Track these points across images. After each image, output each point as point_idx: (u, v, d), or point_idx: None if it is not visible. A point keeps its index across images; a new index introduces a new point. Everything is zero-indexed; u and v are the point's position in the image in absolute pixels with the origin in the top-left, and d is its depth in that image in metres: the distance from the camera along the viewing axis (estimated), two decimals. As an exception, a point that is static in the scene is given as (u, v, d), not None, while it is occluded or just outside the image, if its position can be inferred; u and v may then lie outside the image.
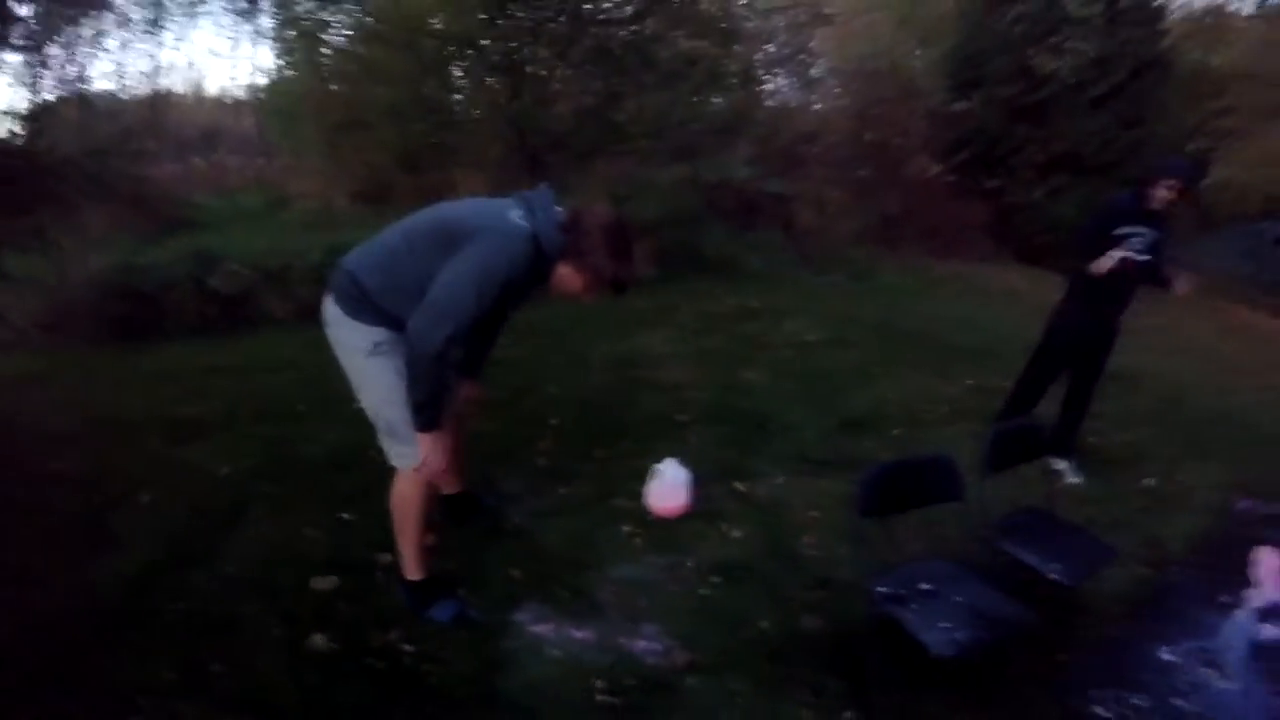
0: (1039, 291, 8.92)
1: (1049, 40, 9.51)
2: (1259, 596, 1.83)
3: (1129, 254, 3.30)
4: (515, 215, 2.04)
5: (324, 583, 2.45)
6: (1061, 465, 3.58)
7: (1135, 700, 1.47)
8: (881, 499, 2.07)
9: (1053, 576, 2.19)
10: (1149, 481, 3.67)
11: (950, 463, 2.24)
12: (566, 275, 2.10)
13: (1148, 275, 3.47)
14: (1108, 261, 3.31)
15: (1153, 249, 3.40)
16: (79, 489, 3.08)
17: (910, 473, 2.26)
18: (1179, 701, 1.49)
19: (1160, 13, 10.44)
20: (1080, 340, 3.64)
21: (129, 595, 2.41)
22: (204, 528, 2.81)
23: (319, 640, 2.20)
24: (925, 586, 2.06)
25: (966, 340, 6.05)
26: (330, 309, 2.18)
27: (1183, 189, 3.36)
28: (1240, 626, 1.72)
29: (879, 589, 2.05)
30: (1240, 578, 1.90)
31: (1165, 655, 1.61)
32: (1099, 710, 1.43)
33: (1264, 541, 2.04)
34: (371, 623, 2.28)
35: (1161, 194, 3.32)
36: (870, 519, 2.09)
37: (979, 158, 10.39)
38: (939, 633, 1.87)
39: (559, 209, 2.09)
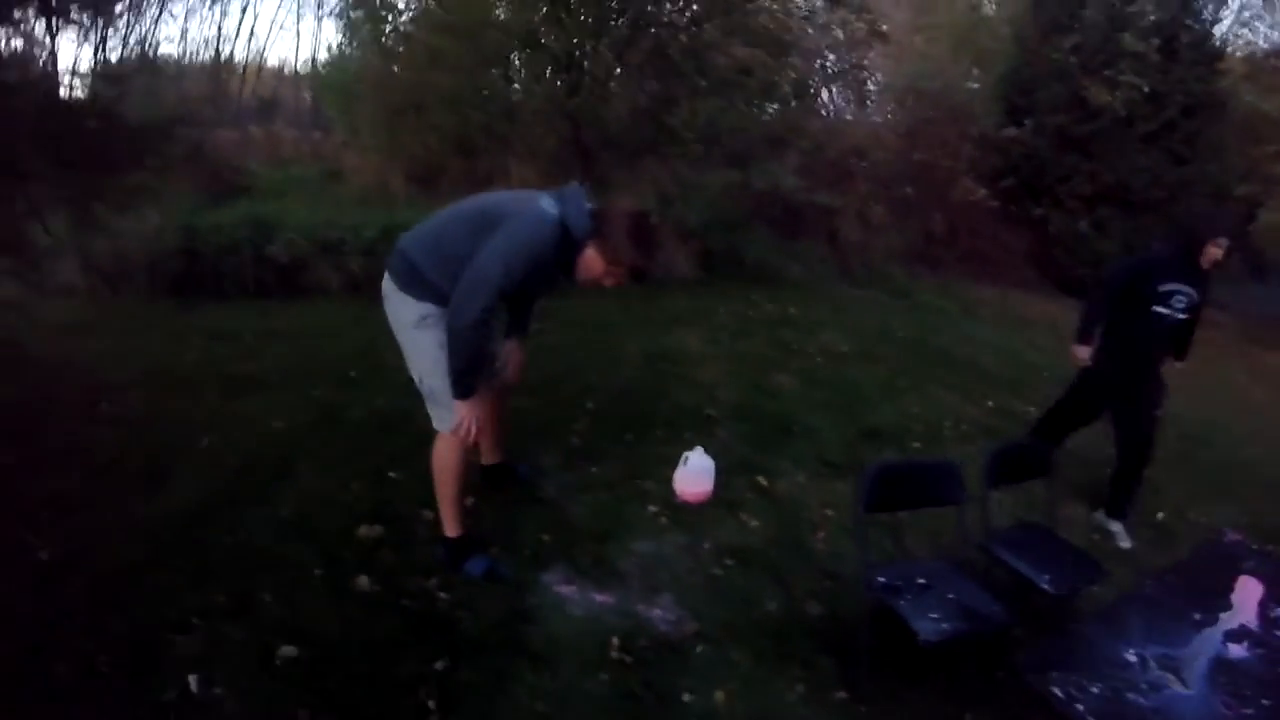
0: (1076, 323, 8.95)
1: (1104, 73, 9.43)
2: (1232, 619, 1.93)
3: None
4: (546, 203, 2.27)
5: (369, 531, 2.68)
6: (1115, 527, 3.52)
7: (1092, 688, 1.59)
8: (884, 495, 2.23)
9: (1043, 586, 2.34)
10: (1159, 516, 3.77)
11: (952, 468, 2.38)
12: (591, 259, 2.32)
13: (1181, 338, 3.40)
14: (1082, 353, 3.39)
15: (1192, 309, 3.27)
16: (132, 431, 3.33)
17: (913, 473, 2.42)
18: (1133, 696, 1.60)
19: (1219, 52, 10.29)
20: (1107, 391, 3.52)
21: (183, 527, 2.65)
22: (256, 475, 3.05)
23: (363, 581, 2.42)
24: (921, 581, 2.22)
25: (995, 364, 6.13)
26: (386, 283, 2.43)
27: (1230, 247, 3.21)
28: (1208, 640, 1.82)
29: (878, 578, 2.21)
30: (1217, 601, 2.00)
31: (1130, 654, 1.73)
32: (1055, 690, 1.56)
33: (1246, 572, 2.16)
34: (411, 570, 2.50)
35: (1213, 253, 3.14)
36: (873, 514, 2.25)
37: (1026, 185, 10.35)
38: (928, 622, 2.03)
39: (589, 204, 2.31)
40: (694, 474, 3.15)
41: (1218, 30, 10.82)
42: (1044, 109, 10.07)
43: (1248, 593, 2.04)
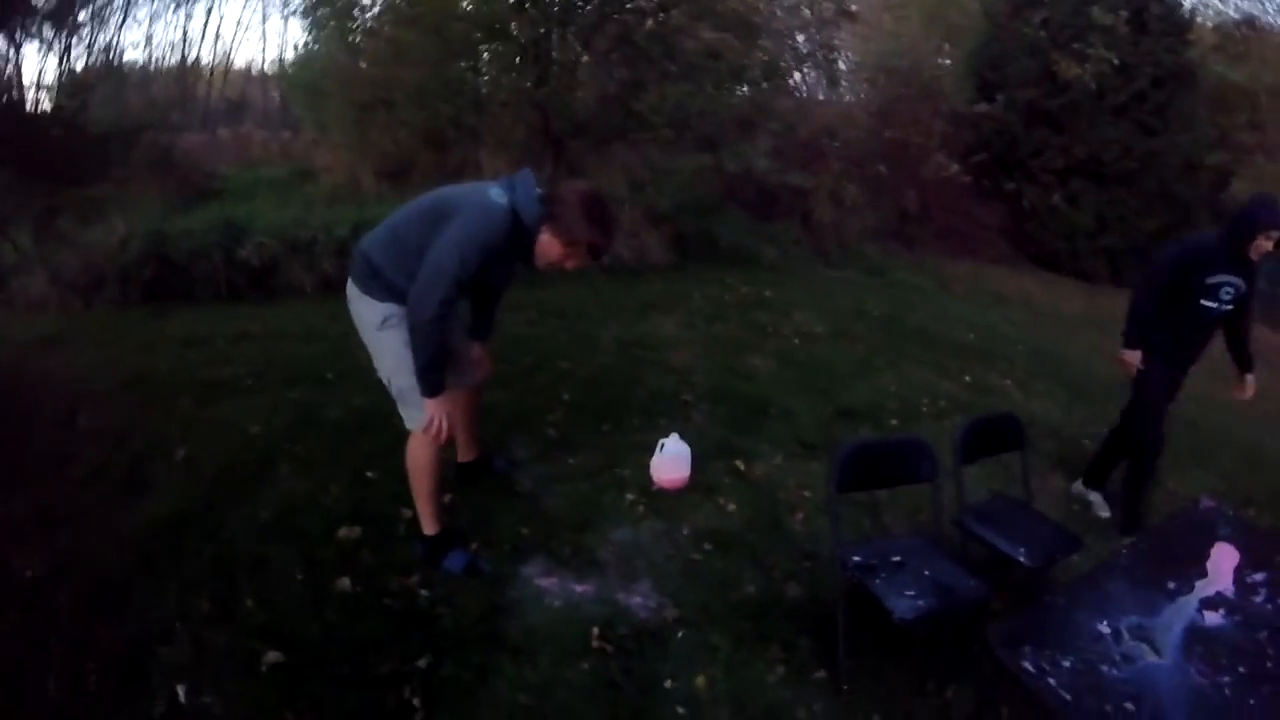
0: (1051, 295, 9.06)
1: (1073, 46, 9.50)
2: (1207, 586, 1.95)
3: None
4: (494, 193, 2.26)
5: (349, 532, 2.67)
6: (1094, 497, 3.59)
7: (1064, 661, 1.61)
8: (856, 475, 2.25)
9: (1019, 559, 2.37)
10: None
11: (922, 445, 2.41)
12: (546, 242, 2.30)
13: (1237, 339, 3.32)
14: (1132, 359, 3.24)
15: (1241, 300, 3.16)
16: (110, 443, 3.31)
17: (884, 452, 2.44)
18: (1107, 668, 1.62)
19: (1187, 23, 10.40)
20: (1167, 393, 3.37)
21: (164, 536, 2.65)
22: (235, 480, 3.03)
23: (344, 582, 2.42)
24: (896, 559, 2.25)
25: (971, 339, 6.19)
26: (350, 287, 2.43)
27: None
28: (1183, 609, 1.84)
29: (853, 558, 2.23)
30: (1191, 569, 2.02)
31: (1103, 626, 1.75)
32: (1026, 665, 1.58)
33: (1222, 539, 2.19)
34: (391, 569, 2.50)
35: (1262, 244, 3.01)
36: (847, 494, 2.28)
37: (998, 160, 10.44)
38: (903, 600, 2.06)
39: (538, 189, 2.30)
40: (670, 460, 3.16)
41: (1186, 1, 10.91)
42: (1015, 84, 10.16)
43: (1223, 559, 2.07)
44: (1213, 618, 1.85)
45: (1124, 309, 3.37)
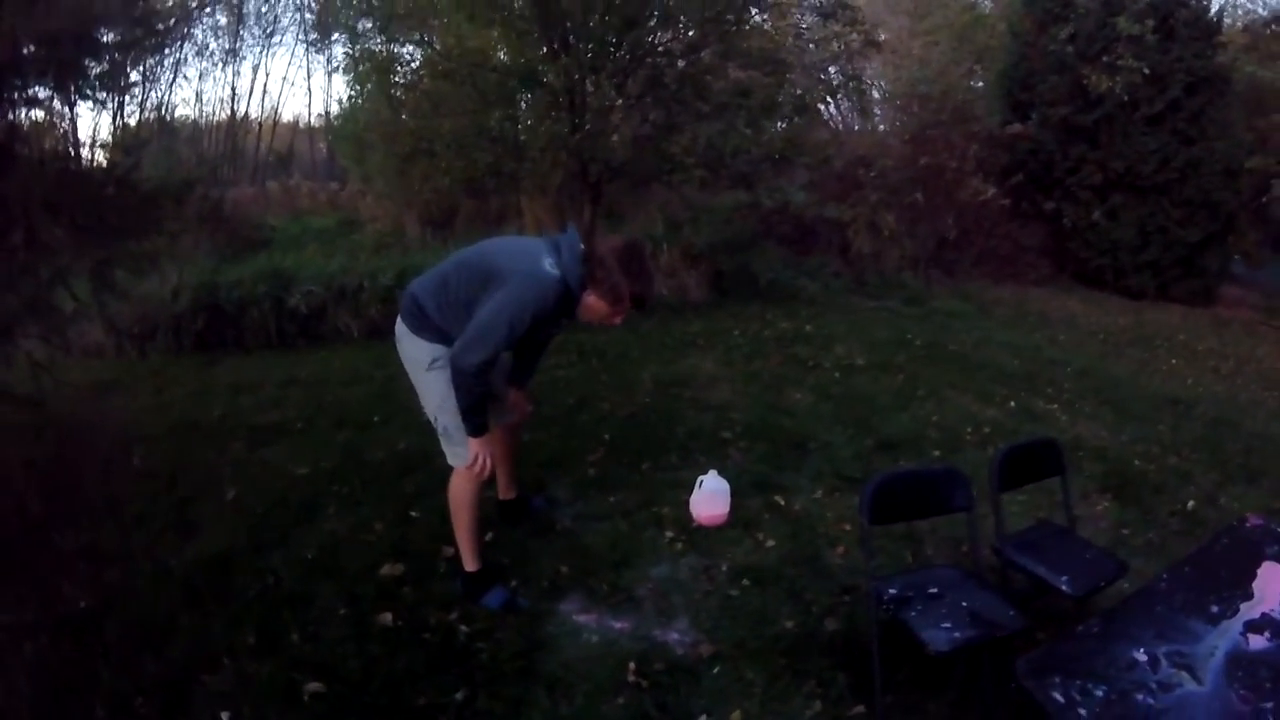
0: (1096, 314, 8.86)
1: (1102, 59, 9.41)
2: (1253, 609, 1.88)
3: None
4: (547, 263, 2.32)
5: (391, 569, 2.75)
6: None
7: (1096, 691, 1.56)
8: (888, 506, 2.24)
9: (1061, 587, 2.30)
10: (1189, 505, 3.70)
11: (957, 474, 2.38)
12: (592, 303, 2.37)
13: None
14: None
15: None
16: (162, 484, 3.47)
17: (917, 482, 2.42)
18: (1142, 696, 1.57)
19: (1215, 26, 10.16)
20: None
21: (211, 573, 2.76)
22: (282, 519, 3.16)
23: (385, 617, 2.49)
24: (933, 590, 2.21)
25: (1013, 364, 6.08)
26: (399, 325, 2.53)
27: None
28: (1226, 633, 1.79)
29: (888, 590, 2.21)
30: (1236, 591, 1.95)
31: (1139, 654, 1.69)
32: (1056, 695, 1.54)
33: (1270, 559, 2.11)
34: (431, 605, 2.56)
35: None
36: (883, 525, 2.26)
37: (1035, 179, 10.31)
38: (938, 632, 2.03)
39: (581, 246, 2.36)
40: (709, 497, 3.17)
41: (1214, 3, 10.70)
42: (1046, 101, 10.07)
43: (1271, 580, 1.97)
44: (1258, 641, 1.76)
45: (1172, 324, 3.30)
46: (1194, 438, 4.68)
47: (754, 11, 7.71)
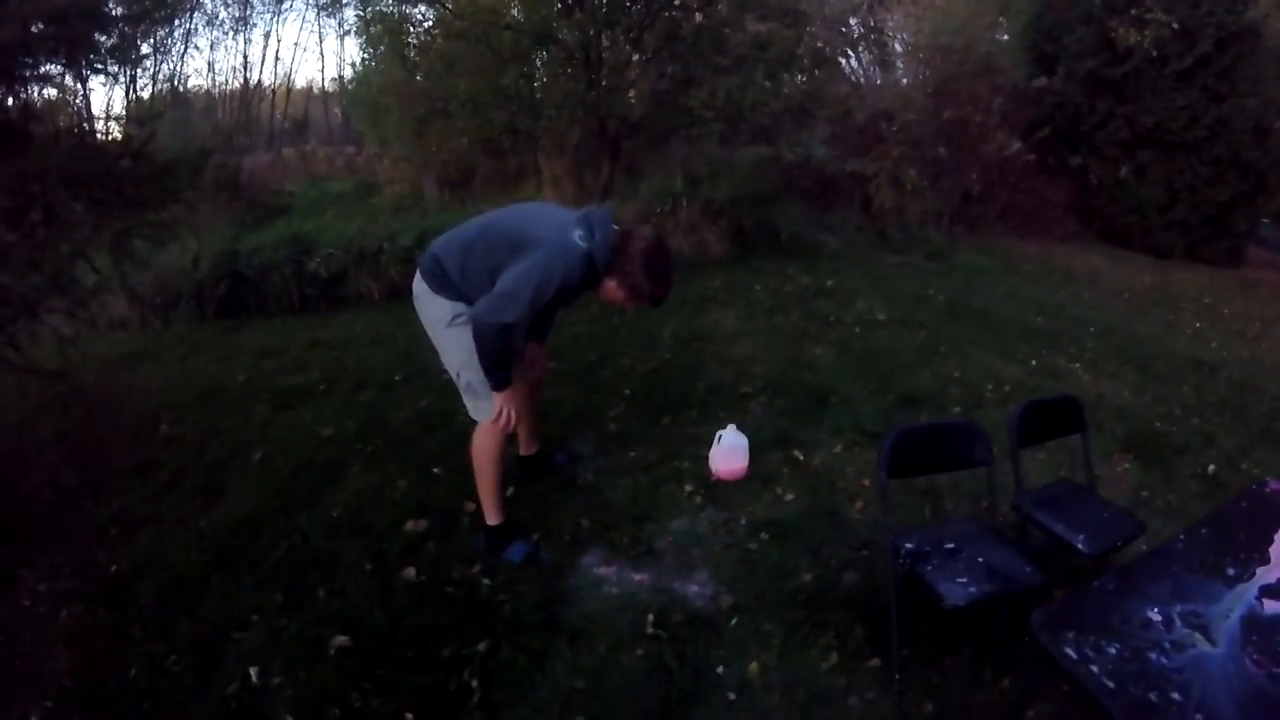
0: (1122, 272, 8.71)
1: (1130, 12, 9.10)
2: (1270, 573, 1.84)
3: None
4: (576, 235, 2.34)
5: (415, 525, 2.81)
6: None
7: (1109, 648, 1.56)
8: (907, 461, 2.24)
9: (1077, 545, 2.30)
10: (1210, 469, 3.67)
11: (975, 429, 2.38)
12: (612, 289, 2.43)
13: None
14: None
15: None
16: (190, 449, 3.55)
17: (936, 436, 2.41)
18: (1155, 655, 1.57)
19: (1248, -20, 9.76)
20: None
21: (240, 535, 2.84)
22: (308, 480, 3.23)
23: (409, 572, 2.55)
24: (950, 545, 2.23)
25: (1037, 321, 6.01)
26: (418, 284, 2.55)
27: None
28: (1242, 596, 1.78)
29: (906, 545, 2.23)
30: (1253, 554, 1.92)
31: (1153, 613, 1.69)
32: (1069, 651, 1.54)
33: (1286, 522, 2.08)
34: (455, 559, 2.62)
35: None
36: (902, 479, 2.26)
37: (1061, 135, 10.05)
38: (955, 585, 2.04)
39: (614, 228, 2.39)
40: (728, 452, 3.19)
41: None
42: (1073, 55, 9.79)
43: (1289, 546, 1.98)
44: (1273, 605, 1.75)
45: (1198, 284, 3.24)
46: (1217, 400, 4.62)
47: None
